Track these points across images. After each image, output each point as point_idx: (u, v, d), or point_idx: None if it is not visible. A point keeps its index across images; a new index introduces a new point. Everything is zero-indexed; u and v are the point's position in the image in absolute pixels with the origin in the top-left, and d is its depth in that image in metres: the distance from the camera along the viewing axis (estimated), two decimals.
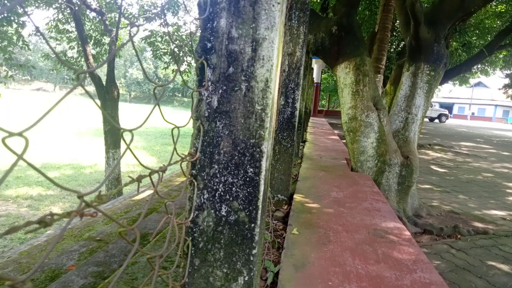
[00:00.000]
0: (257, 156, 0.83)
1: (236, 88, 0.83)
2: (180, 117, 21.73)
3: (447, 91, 52.03)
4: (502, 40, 10.97)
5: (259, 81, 0.82)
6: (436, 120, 27.59)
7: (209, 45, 0.83)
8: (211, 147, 0.85)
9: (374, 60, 8.05)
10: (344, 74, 3.86)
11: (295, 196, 2.67)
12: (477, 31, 14.65)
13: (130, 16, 11.41)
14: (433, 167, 6.63)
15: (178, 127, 0.72)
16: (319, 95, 19.74)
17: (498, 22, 13.41)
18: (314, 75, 16.50)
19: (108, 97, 9.24)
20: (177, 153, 0.77)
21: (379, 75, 8.03)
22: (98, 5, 10.23)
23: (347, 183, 3.17)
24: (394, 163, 3.61)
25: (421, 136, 13.24)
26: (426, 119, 27.81)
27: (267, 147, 0.85)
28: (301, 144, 5.36)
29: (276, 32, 0.82)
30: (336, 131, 8.98)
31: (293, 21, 2.69)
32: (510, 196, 4.88)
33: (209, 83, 0.84)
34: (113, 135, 8.91)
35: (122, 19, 11.40)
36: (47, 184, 7.85)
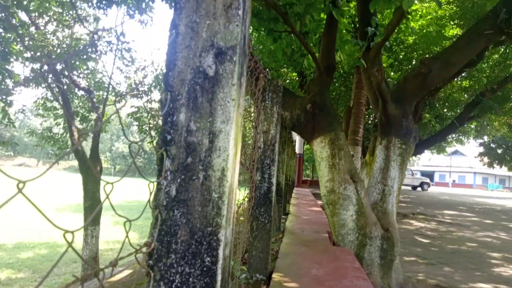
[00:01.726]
0: (214, 244, 0.84)
1: (194, 177, 0.86)
2: None
3: (426, 159, 53.63)
4: (470, 112, 11.69)
5: (216, 170, 0.86)
6: (419, 188, 27.99)
7: (169, 137, 0.88)
8: (169, 236, 0.85)
9: (352, 133, 8.39)
10: (320, 148, 3.99)
11: (274, 275, 2.58)
12: (447, 104, 15.62)
13: (117, 94, 11.83)
14: (417, 237, 6.58)
15: (130, 221, 0.73)
16: (302, 165, 20.03)
17: (465, 95, 14.40)
18: (297, 147, 16.92)
19: (90, 172, 9.16)
20: (131, 245, 0.77)
21: (357, 146, 8.30)
22: (87, 84, 10.66)
23: (328, 259, 3.10)
24: (375, 236, 3.59)
25: (404, 205, 13.31)
26: (409, 188, 28.21)
27: (224, 234, 0.86)
28: (283, 217, 5.31)
29: (232, 125, 0.88)
30: (319, 202, 8.98)
31: (267, 102, 2.86)
32: (495, 267, 4.82)
33: (168, 173, 0.87)
34: (93, 211, 8.67)
35: (110, 96, 11.79)
36: (18, 265, 7.37)
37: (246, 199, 2.47)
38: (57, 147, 11.16)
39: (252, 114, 3.09)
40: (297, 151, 16.77)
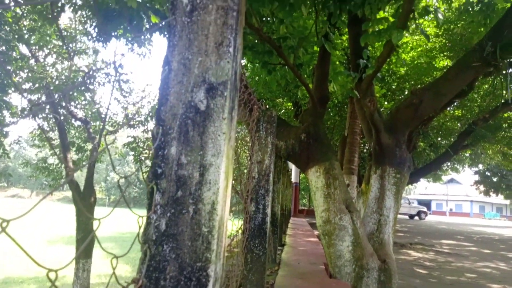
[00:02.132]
0: (203, 280, 0.83)
1: (184, 211, 0.86)
2: None
3: (423, 188, 53.58)
4: (464, 140, 11.81)
5: (206, 203, 0.86)
6: (416, 217, 27.77)
7: (159, 170, 0.89)
8: (157, 272, 0.84)
9: (347, 162, 8.42)
10: (315, 177, 3.99)
11: None
12: (441, 133, 15.81)
13: (114, 124, 11.88)
14: (416, 268, 6.47)
15: (116, 257, 0.73)
16: (298, 194, 19.90)
17: (459, 124, 14.61)
18: (293, 176, 16.89)
19: (84, 203, 9.04)
20: (118, 282, 0.76)
21: (353, 175, 8.31)
22: (84, 114, 10.73)
23: None
24: (372, 268, 3.52)
25: (402, 234, 13.16)
26: (406, 217, 27.98)
27: (214, 270, 0.85)
28: (279, 248, 5.22)
29: (222, 158, 0.89)
30: (316, 232, 8.85)
31: (261, 132, 2.89)
32: None
33: (158, 207, 0.87)
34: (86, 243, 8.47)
35: (106, 127, 11.84)
36: None
37: (240, 231, 2.45)
38: (51, 177, 11.07)
39: (248, 144, 3.11)
40: (293, 180, 16.72)
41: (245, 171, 2.92)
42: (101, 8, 5.12)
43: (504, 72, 4.07)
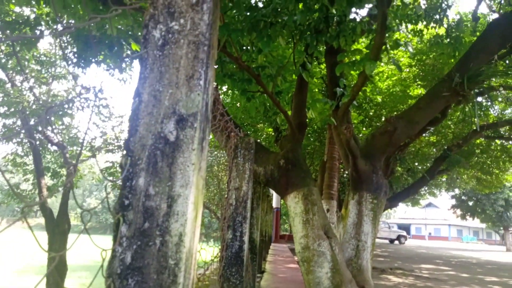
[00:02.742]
0: None
1: (150, 243, 0.85)
2: None
3: (403, 212, 54.20)
4: (440, 165, 12.12)
5: (173, 235, 0.86)
6: (396, 242, 27.91)
7: (126, 202, 0.88)
8: None
9: (327, 187, 8.48)
10: (294, 203, 4.00)
11: None
12: (417, 158, 16.20)
13: (92, 149, 11.64)
14: None
15: None
16: (279, 220, 19.77)
17: (434, 150, 15.03)
18: (274, 201, 16.82)
19: (57, 230, 8.71)
20: None
21: (332, 200, 8.36)
22: (60, 139, 10.49)
23: None
24: None
25: (382, 259, 13.17)
26: (386, 241, 28.09)
27: None
28: (258, 275, 5.13)
29: (191, 189, 0.90)
30: (296, 258, 8.76)
31: (239, 159, 2.90)
32: None
33: (124, 239, 0.86)
34: (58, 273, 8.11)
35: (84, 152, 11.59)
36: None
37: (216, 259, 2.41)
38: (23, 204, 10.65)
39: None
40: (274, 205, 16.65)
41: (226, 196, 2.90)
42: (82, 34, 5.14)
43: (472, 101, 4.25)
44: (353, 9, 3.58)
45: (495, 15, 6.80)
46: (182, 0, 0.98)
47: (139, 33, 4.68)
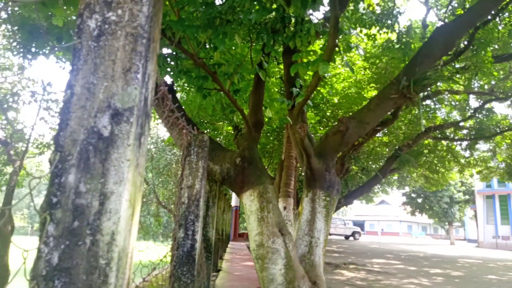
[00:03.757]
0: None
1: (80, 243, 0.81)
2: None
3: (358, 209, 56.31)
4: (391, 164, 12.69)
5: (105, 234, 0.83)
6: (351, 238, 28.97)
7: (54, 200, 0.84)
8: None
9: (284, 185, 8.60)
10: (250, 201, 4.02)
11: None
12: (371, 157, 16.88)
13: (40, 146, 10.98)
14: None
15: None
16: (239, 218, 19.80)
17: (386, 149, 15.73)
18: (233, 200, 16.82)
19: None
20: None
21: (289, 198, 8.48)
22: (4, 135, 9.80)
23: None
24: None
25: (337, 255, 13.61)
26: (342, 237, 29.09)
27: None
28: (214, 274, 5.10)
29: (125, 186, 0.87)
30: None
31: (192, 156, 2.86)
32: None
33: (51, 239, 0.81)
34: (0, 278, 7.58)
35: (31, 148, 10.91)
36: None
37: (165, 259, 2.36)
38: None
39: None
40: (233, 204, 16.65)
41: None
42: (27, 23, 4.83)
43: (418, 103, 4.49)
44: (310, 11, 3.64)
45: (441, 23, 7.24)
46: None
47: None
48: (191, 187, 2.78)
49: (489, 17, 6.38)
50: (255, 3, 3.07)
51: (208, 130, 11.93)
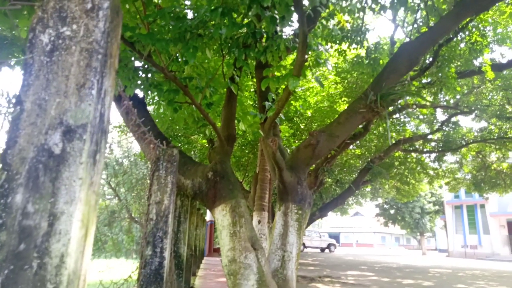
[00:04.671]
0: None
1: (26, 267, 0.77)
2: None
3: (333, 221, 56.84)
4: (364, 176, 12.93)
5: (54, 256, 0.79)
6: (326, 250, 29.13)
7: (0, 222, 0.80)
8: None
9: (258, 199, 8.59)
10: (222, 216, 3.97)
11: None
12: (345, 170, 17.16)
13: None
14: None
15: None
16: (214, 233, 19.52)
17: (360, 161, 16.05)
18: (208, 214, 16.58)
19: None
20: None
21: (264, 212, 8.47)
22: None
23: None
24: None
25: (312, 268, 13.62)
26: (317, 250, 29.21)
27: None
28: None
29: (76, 206, 0.84)
30: None
31: (161, 171, 2.81)
32: None
33: None
34: None
35: None
36: None
37: (130, 279, 2.28)
38: None
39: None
40: (208, 218, 16.42)
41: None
42: None
43: (385, 118, 4.62)
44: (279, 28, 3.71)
45: (408, 40, 7.55)
46: (75, 5, 0.93)
47: None
48: (159, 202, 2.72)
49: (451, 35, 6.73)
50: (225, 18, 3.10)
51: (180, 144, 11.80)
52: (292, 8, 3.13)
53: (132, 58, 3.98)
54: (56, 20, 0.92)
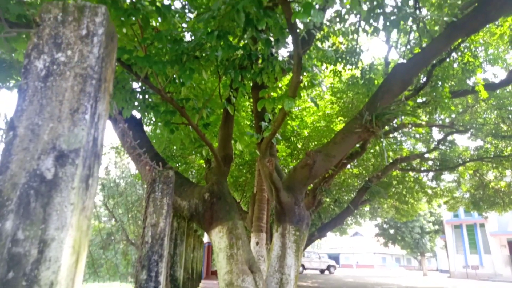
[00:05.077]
0: None
1: None
2: None
3: (332, 242, 56.14)
4: (362, 196, 12.87)
5: (43, 285, 0.78)
6: (326, 272, 28.64)
7: None
8: None
9: (256, 219, 8.50)
10: (219, 238, 3.92)
11: None
12: (343, 189, 17.08)
13: None
14: None
15: None
16: (211, 255, 19.19)
17: (358, 181, 15.99)
18: (205, 236, 16.36)
19: None
20: None
21: (262, 233, 8.37)
22: None
23: None
24: None
25: None
26: (317, 272, 28.70)
27: None
28: None
29: (67, 232, 0.83)
30: None
31: (157, 193, 2.79)
32: None
33: None
34: None
35: None
36: None
37: None
38: None
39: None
40: (205, 240, 16.19)
41: None
42: None
43: (380, 137, 4.64)
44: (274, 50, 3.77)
45: (402, 60, 7.68)
46: (71, 32, 0.95)
47: None
48: (155, 225, 2.69)
49: (444, 56, 6.85)
50: (221, 41, 3.15)
51: (179, 164, 11.76)
52: (287, 31, 3.20)
53: (130, 80, 4.02)
54: (51, 46, 0.93)
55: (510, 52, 9.00)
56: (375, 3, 4.17)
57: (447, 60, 7.11)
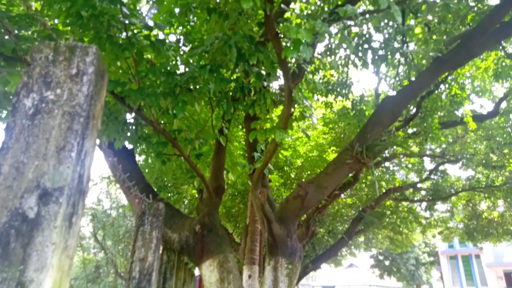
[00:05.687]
0: None
1: None
2: None
3: (327, 274, 54.88)
4: (356, 226, 12.73)
5: None
6: None
7: None
8: None
9: (249, 251, 8.32)
10: (209, 272, 3.83)
11: None
12: (337, 219, 16.90)
13: None
14: None
15: None
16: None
17: (352, 211, 15.87)
18: (197, 268, 15.92)
19: None
20: None
21: (254, 266, 8.17)
22: None
23: None
24: None
25: None
26: None
27: None
28: None
29: (48, 273, 0.81)
30: None
31: (146, 226, 2.74)
32: None
33: None
34: None
35: None
36: None
37: None
38: None
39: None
40: (197, 273, 15.74)
41: None
42: None
43: (371, 168, 4.67)
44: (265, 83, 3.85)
45: (392, 92, 7.87)
46: (61, 71, 0.97)
47: None
48: (143, 259, 2.62)
49: (433, 88, 7.04)
50: (214, 74, 3.21)
51: (171, 194, 11.62)
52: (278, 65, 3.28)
53: (123, 111, 4.04)
54: (40, 84, 0.95)
55: (495, 85, 9.27)
56: (363, 38, 4.32)
57: (436, 92, 7.29)
